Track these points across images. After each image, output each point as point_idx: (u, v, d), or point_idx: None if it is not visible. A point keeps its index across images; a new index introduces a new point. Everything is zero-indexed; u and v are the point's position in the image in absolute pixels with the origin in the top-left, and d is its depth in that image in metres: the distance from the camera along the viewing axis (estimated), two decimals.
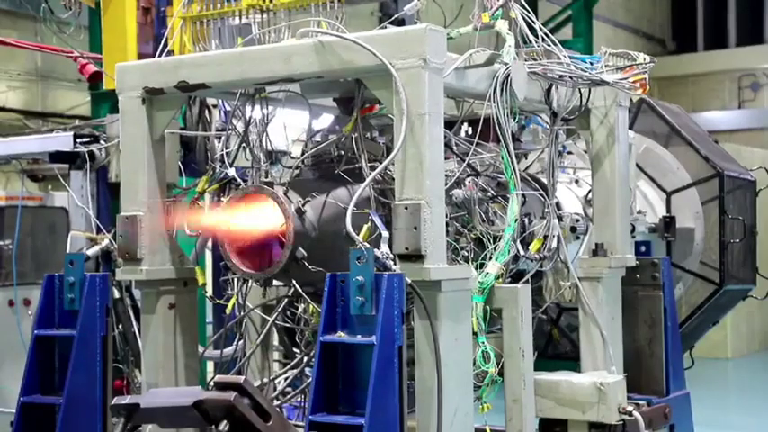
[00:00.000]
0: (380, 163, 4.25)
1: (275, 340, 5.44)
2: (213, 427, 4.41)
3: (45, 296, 4.80)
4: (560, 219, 5.16)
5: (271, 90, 4.86)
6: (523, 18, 4.62)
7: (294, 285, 4.45)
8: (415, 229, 3.92)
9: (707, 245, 6.87)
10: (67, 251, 6.31)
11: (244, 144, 4.92)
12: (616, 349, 5.23)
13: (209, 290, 4.92)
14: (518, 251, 4.57)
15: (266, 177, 4.69)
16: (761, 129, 22.39)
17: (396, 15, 4.70)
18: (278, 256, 4.31)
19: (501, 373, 4.47)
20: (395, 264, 3.89)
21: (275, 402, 4.88)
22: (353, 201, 4.05)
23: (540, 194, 4.99)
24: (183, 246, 4.90)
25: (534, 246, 4.86)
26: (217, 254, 5.82)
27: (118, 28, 6.98)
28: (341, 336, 3.84)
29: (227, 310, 4.85)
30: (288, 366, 5.01)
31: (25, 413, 4.68)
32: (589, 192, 5.63)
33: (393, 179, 4.10)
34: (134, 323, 6.26)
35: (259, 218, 4.39)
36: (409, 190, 3.96)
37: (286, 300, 4.84)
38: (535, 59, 4.69)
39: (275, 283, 4.67)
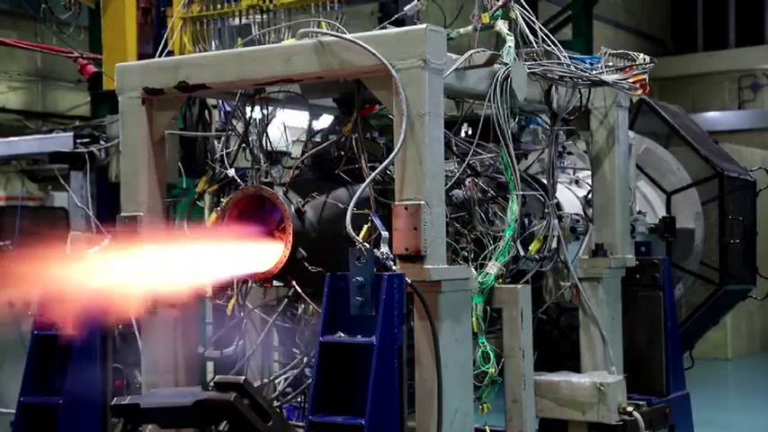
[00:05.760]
0: (380, 163, 4.25)
1: (275, 340, 5.44)
2: (213, 427, 4.41)
3: (44, 296, 4.79)
4: (560, 219, 5.16)
5: (270, 90, 4.86)
6: (523, 18, 4.63)
7: (294, 286, 4.45)
8: (415, 229, 3.92)
9: (707, 245, 6.88)
10: (67, 251, 6.31)
11: (243, 144, 4.92)
12: (616, 349, 5.23)
13: (209, 290, 4.92)
14: (518, 252, 4.58)
15: (266, 178, 4.69)
16: (761, 129, 22.35)
17: (396, 16, 4.70)
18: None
19: (501, 374, 4.47)
20: (395, 264, 3.89)
21: (275, 403, 4.88)
22: (353, 201, 4.05)
23: (540, 195, 4.99)
24: None
25: (534, 246, 4.86)
26: None
27: (118, 28, 6.98)
28: (341, 336, 3.84)
29: (228, 311, 4.85)
30: (288, 367, 5.00)
31: (25, 413, 4.68)
32: (589, 192, 5.64)
33: (393, 179, 4.10)
34: (134, 323, 6.25)
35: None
36: (409, 190, 3.96)
37: (286, 300, 4.83)
38: (535, 60, 4.70)
39: (275, 283, 4.67)
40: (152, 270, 4.47)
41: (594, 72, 4.87)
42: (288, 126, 5.28)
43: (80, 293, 4.48)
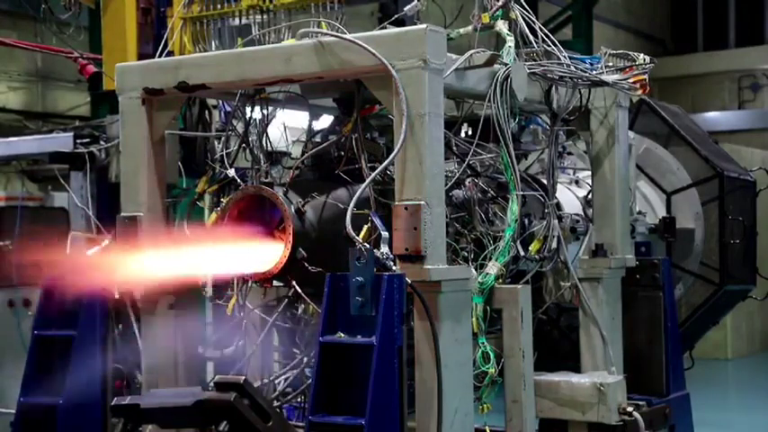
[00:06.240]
0: (380, 163, 4.25)
1: (275, 341, 5.45)
2: (213, 427, 4.42)
3: (44, 296, 4.80)
4: (560, 219, 5.16)
5: (271, 90, 4.86)
6: (523, 19, 4.63)
7: (294, 286, 4.45)
8: (415, 229, 3.92)
9: (707, 245, 6.88)
10: (67, 252, 6.32)
11: (243, 145, 4.92)
12: (616, 350, 5.23)
13: (210, 290, 4.93)
14: (518, 252, 4.58)
15: (266, 178, 4.69)
16: (761, 129, 22.35)
17: (396, 16, 4.70)
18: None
19: (501, 374, 4.47)
20: (395, 264, 3.89)
21: (275, 403, 4.88)
22: (353, 201, 4.05)
23: (540, 195, 4.99)
24: None
25: (534, 246, 4.86)
26: None
27: (118, 28, 6.97)
28: (341, 336, 3.84)
29: (228, 311, 4.85)
30: (288, 367, 5.01)
31: (25, 413, 4.69)
32: (589, 192, 5.64)
33: (393, 180, 4.11)
34: (134, 323, 6.26)
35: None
36: (409, 190, 3.96)
37: (286, 300, 4.84)
38: (535, 60, 4.70)
39: (275, 283, 4.67)
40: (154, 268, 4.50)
41: (594, 72, 4.86)
42: (288, 126, 5.28)
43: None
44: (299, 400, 4.99)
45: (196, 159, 5.51)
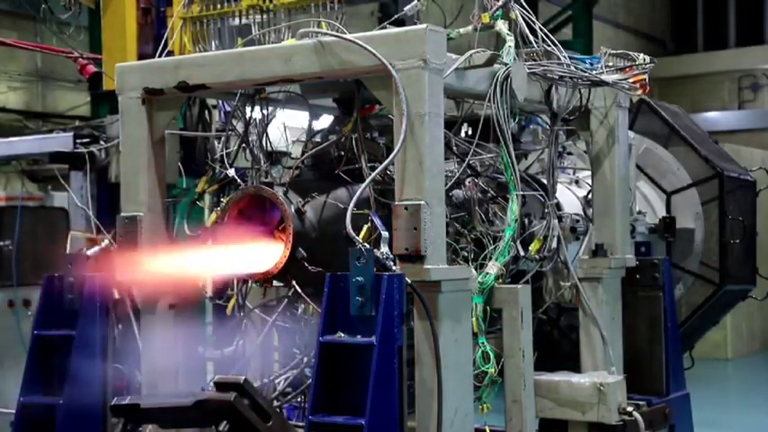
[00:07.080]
0: (380, 163, 4.25)
1: (275, 340, 5.45)
2: (213, 427, 4.42)
3: (44, 296, 4.80)
4: (560, 219, 5.16)
5: (270, 90, 4.86)
6: (523, 18, 4.63)
7: (294, 286, 4.45)
8: (415, 229, 3.92)
9: (707, 245, 6.88)
10: (67, 251, 6.32)
11: (243, 144, 4.92)
12: (616, 350, 5.23)
13: (209, 290, 4.93)
14: (518, 252, 4.57)
15: (266, 178, 4.69)
16: (761, 129, 22.37)
17: (396, 16, 4.70)
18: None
19: (501, 374, 4.47)
20: (395, 264, 3.89)
21: (275, 403, 4.88)
22: (353, 201, 4.04)
23: (540, 195, 4.99)
24: None
25: (534, 246, 4.86)
26: None
27: (118, 28, 6.97)
28: (341, 336, 3.84)
29: (228, 311, 4.85)
30: (288, 367, 5.01)
31: (25, 413, 4.69)
32: (589, 192, 5.64)
33: (393, 179, 4.10)
34: (134, 323, 6.25)
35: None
36: (409, 190, 3.96)
37: (286, 300, 4.84)
38: (535, 60, 4.70)
39: (275, 283, 4.67)
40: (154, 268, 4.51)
41: (594, 72, 4.86)
42: (288, 126, 5.28)
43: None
44: (299, 400, 4.99)
45: (196, 159, 5.51)
